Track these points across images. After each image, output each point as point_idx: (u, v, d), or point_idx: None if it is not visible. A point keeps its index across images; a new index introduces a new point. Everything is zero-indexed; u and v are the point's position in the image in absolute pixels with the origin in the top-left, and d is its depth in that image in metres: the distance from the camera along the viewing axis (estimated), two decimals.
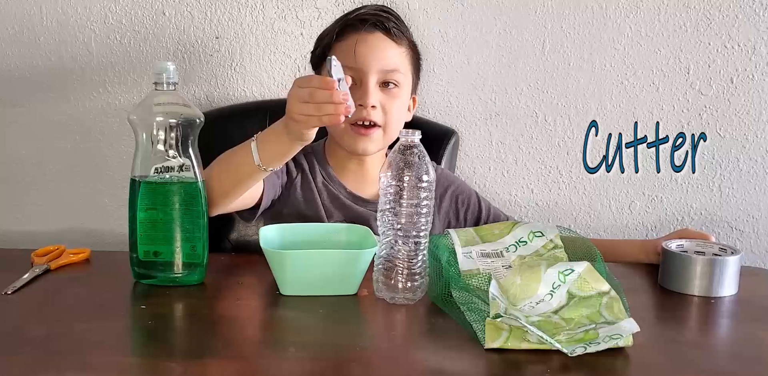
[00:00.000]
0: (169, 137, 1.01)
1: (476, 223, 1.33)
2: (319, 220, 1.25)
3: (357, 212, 1.26)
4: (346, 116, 0.96)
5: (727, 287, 1.07)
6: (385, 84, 1.22)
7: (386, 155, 1.29)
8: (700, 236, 1.17)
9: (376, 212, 1.26)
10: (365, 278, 1.01)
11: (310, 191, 1.27)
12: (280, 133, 1.02)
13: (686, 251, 1.12)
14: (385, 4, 1.47)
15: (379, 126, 1.22)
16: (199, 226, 1.03)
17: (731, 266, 1.07)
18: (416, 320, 0.96)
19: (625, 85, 1.51)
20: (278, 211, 1.27)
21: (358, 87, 1.21)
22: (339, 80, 0.96)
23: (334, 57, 0.96)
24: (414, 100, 1.32)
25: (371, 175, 1.29)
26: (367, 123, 1.21)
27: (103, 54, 1.50)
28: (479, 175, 1.56)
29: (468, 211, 1.34)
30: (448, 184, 1.33)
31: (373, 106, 1.20)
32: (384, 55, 1.22)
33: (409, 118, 1.31)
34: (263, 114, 1.44)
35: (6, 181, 1.55)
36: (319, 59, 1.28)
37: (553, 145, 1.54)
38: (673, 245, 1.12)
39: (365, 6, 1.28)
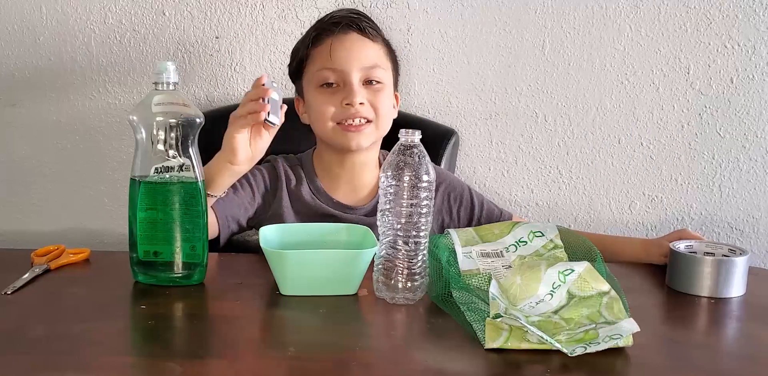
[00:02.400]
0: (169, 137, 1.01)
1: (470, 219, 1.33)
2: None
3: (344, 220, 1.26)
4: (268, 118, 1.08)
5: (735, 287, 1.06)
6: (368, 82, 1.23)
7: (379, 161, 1.30)
8: (697, 238, 1.17)
9: (364, 216, 1.26)
10: (365, 278, 1.01)
11: (277, 215, 1.27)
12: (216, 158, 1.14)
13: (695, 252, 1.11)
14: (384, 6, 1.48)
15: (370, 121, 1.23)
16: (199, 226, 1.03)
17: (738, 266, 1.06)
18: (416, 320, 0.96)
19: (625, 85, 1.51)
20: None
21: (342, 88, 1.22)
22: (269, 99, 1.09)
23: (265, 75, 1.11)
24: (396, 97, 1.32)
25: (361, 181, 1.30)
26: (357, 122, 1.21)
27: (103, 54, 1.50)
28: (479, 175, 1.56)
29: (461, 207, 1.34)
30: (440, 182, 1.33)
31: (361, 103, 1.21)
32: (362, 52, 1.23)
33: (395, 115, 1.31)
34: None
35: (6, 182, 1.56)
36: (296, 71, 1.28)
37: (553, 145, 1.54)
38: (681, 246, 1.12)
39: (335, 11, 1.29)
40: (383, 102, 1.24)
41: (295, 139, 1.40)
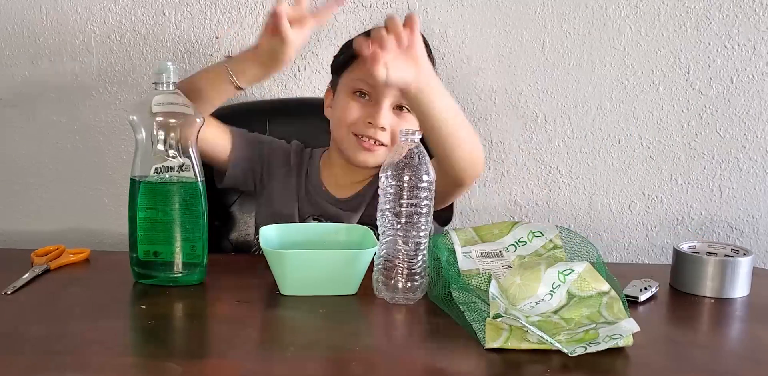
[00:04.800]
0: (169, 137, 1.01)
1: None
2: (291, 218, 1.27)
3: (331, 212, 1.27)
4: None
5: (739, 288, 1.06)
6: (398, 107, 1.21)
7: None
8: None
9: (347, 210, 1.26)
10: (365, 277, 1.01)
11: (287, 191, 1.28)
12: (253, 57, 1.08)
13: (698, 252, 1.12)
14: (384, 6, 1.48)
15: (385, 146, 1.22)
16: (199, 226, 1.03)
17: (743, 267, 1.06)
18: (416, 320, 0.96)
19: (625, 85, 1.51)
20: (254, 198, 1.29)
21: (373, 105, 1.20)
22: None
23: None
24: None
25: (356, 179, 1.29)
26: (372, 142, 1.20)
27: (103, 54, 1.50)
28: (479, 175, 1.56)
29: None
30: None
31: (382, 128, 1.20)
32: None
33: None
34: (263, 114, 1.44)
35: (6, 182, 1.56)
36: (341, 66, 1.26)
37: (553, 145, 1.54)
38: (684, 246, 1.12)
39: None
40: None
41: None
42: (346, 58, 1.24)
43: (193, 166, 1.03)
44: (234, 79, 1.07)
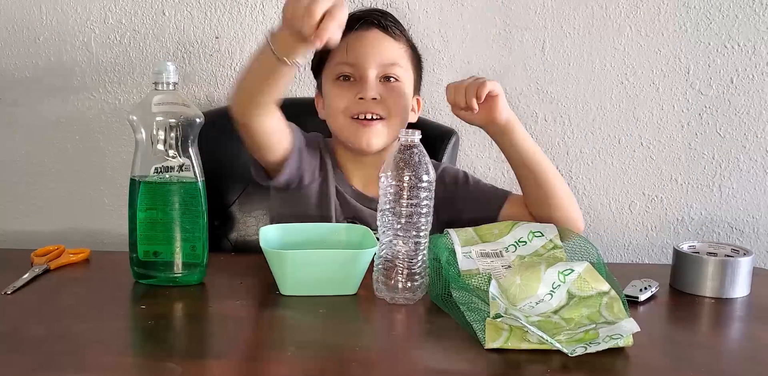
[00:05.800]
0: (169, 137, 1.01)
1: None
2: (327, 219, 1.22)
3: (360, 212, 1.25)
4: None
5: (739, 288, 1.06)
6: (385, 78, 1.21)
7: None
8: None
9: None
10: (365, 277, 1.01)
11: (324, 190, 1.24)
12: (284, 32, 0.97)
13: (698, 252, 1.12)
14: (384, 6, 1.48)
15: (383, 118, 1.20)
16: (199, 226, 1.03)
17: (743, 267, 1.06)
18: (416, 320, 0.96)
19: (625, 85, 1.52)
20: (290, 201, 1.25)
21: (358, 82, 1.20)
22: None
23: None
24: (418, 101, 1.30)
25: (377, 173, 1.27)
26: (369, 117, 1.19)
27: (103, 54, 1.50)
28: (479, 176, 1.55)
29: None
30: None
31: (374, 98, 1.18)
32: (381, 49, 1.21)
33: (414, 120, 1.28)
34: None
35: (6, 182, 1.56)
36: (317, 66, 1.27)
37: (553, 145, 1.54)
38: (684, 246, 1.12)
39: (360, 9, 1.27)
40: (398, 100, 1.21)
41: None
42: (320, 56, 1.24)
43: (193, 166, 1.03)
44: (271, 46, 0.97)
